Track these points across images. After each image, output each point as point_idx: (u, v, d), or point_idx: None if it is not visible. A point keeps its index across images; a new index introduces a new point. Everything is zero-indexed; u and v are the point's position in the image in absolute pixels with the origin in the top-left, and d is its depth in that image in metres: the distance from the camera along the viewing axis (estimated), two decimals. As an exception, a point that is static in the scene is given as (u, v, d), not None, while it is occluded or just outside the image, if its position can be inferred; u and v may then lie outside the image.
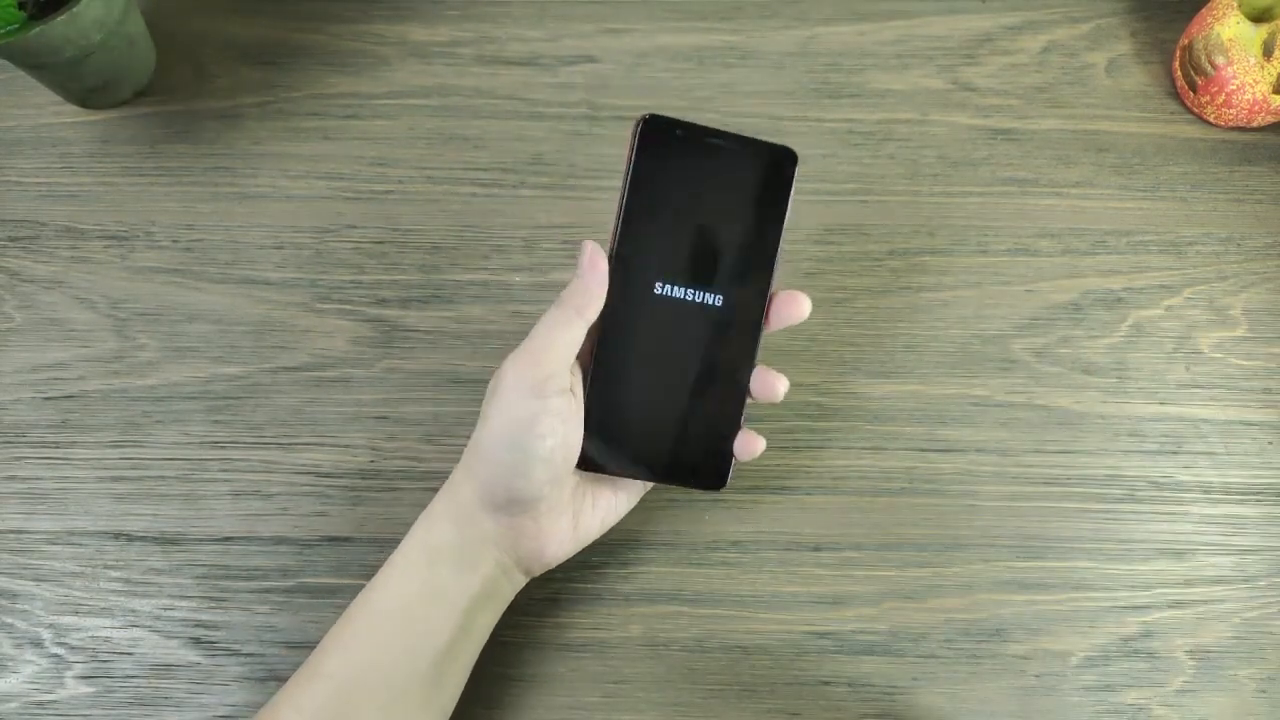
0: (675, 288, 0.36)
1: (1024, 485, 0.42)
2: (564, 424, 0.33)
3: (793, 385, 0.37)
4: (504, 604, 0.37)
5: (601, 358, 0.36)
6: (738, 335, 0.36)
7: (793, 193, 0.36)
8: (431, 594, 0.34)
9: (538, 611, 0.40)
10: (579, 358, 0.35)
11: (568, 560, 0.39)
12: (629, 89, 0.51)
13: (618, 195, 0.35)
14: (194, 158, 0.49)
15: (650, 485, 0.39)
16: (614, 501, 0.37)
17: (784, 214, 0.36)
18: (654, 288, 0.35)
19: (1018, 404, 0.44)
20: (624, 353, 0.36)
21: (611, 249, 0.35)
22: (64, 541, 0.41)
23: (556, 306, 0.34)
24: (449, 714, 0.35)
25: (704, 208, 0.36)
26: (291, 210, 0.48)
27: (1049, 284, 0.46)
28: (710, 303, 0.36)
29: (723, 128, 0.35)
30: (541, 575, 0.38)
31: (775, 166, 0.36)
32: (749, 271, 0.36)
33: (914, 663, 0.39)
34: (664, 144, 0.35)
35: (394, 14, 0.53)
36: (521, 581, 0.37)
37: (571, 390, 0.34)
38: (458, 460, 0.42)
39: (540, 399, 0.33)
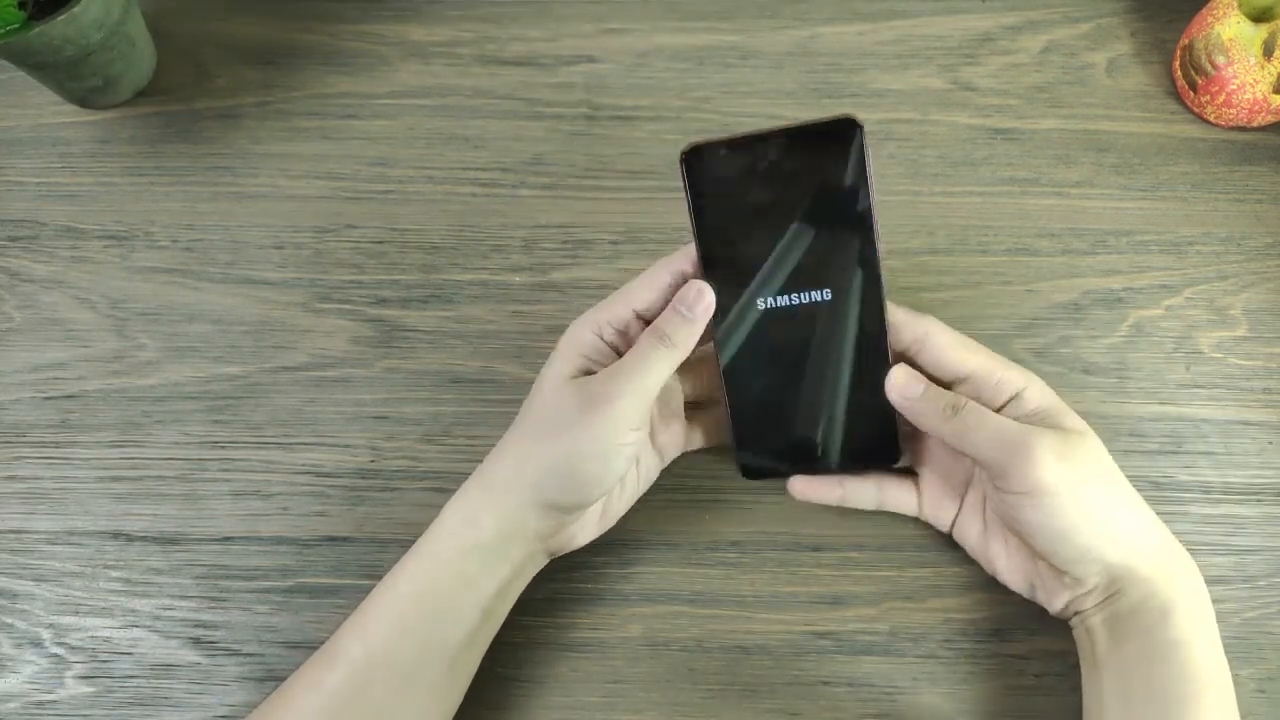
0: (779, 297, 0.36)
1: (1024, 485, 0.42)
2: (639, 447, 0.35)
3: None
4: (522, 588, 0.37)
5: (734, 379, 0.37)
6: (861, 319, 0.36)
7: (869, 161, 0.34)
8: (462, 585, 0.35)
9: (538, 611, 0.40)
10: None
11: (568, 560, 0.39)
12: (628, 89, 0.51)
13: (690, 232, 0.35)
14: (194, 158, 0.49)
15: (663, 466, 0.40)
16: (637, 485, 0.39)
17: (866, 186, 0.34)
18: (756, 305, 0.36)
19: (1018, 404, 0.44)
20: (755, 368, 0.36)
21: (699, 270, 0.36)
22: (64, 541, 0.41)
23: (660, 344, 0.34)
24: (458, 703, 0.36)
25: (779, 213, 0.35)
26: (291, 210, 0.48)
27: (1049, 284, 0.46)
28: (821, 299, 0.36)
29: (765, 128, 0.34)
30: (542, 575, 0.38)
31: (838, 142, 0.33)
32: (849, 255, 0.35)
33: (914, 663, 0.39)
34: (714, 168, 0.34)
35: (394, 14, 0.53)
36: (543, 564, 0.38)
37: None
38: (457, 460, 0.43)
39: (630, 435, 0.34)
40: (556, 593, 0.40)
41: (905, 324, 0.36)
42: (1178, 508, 0.42)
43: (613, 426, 0.33)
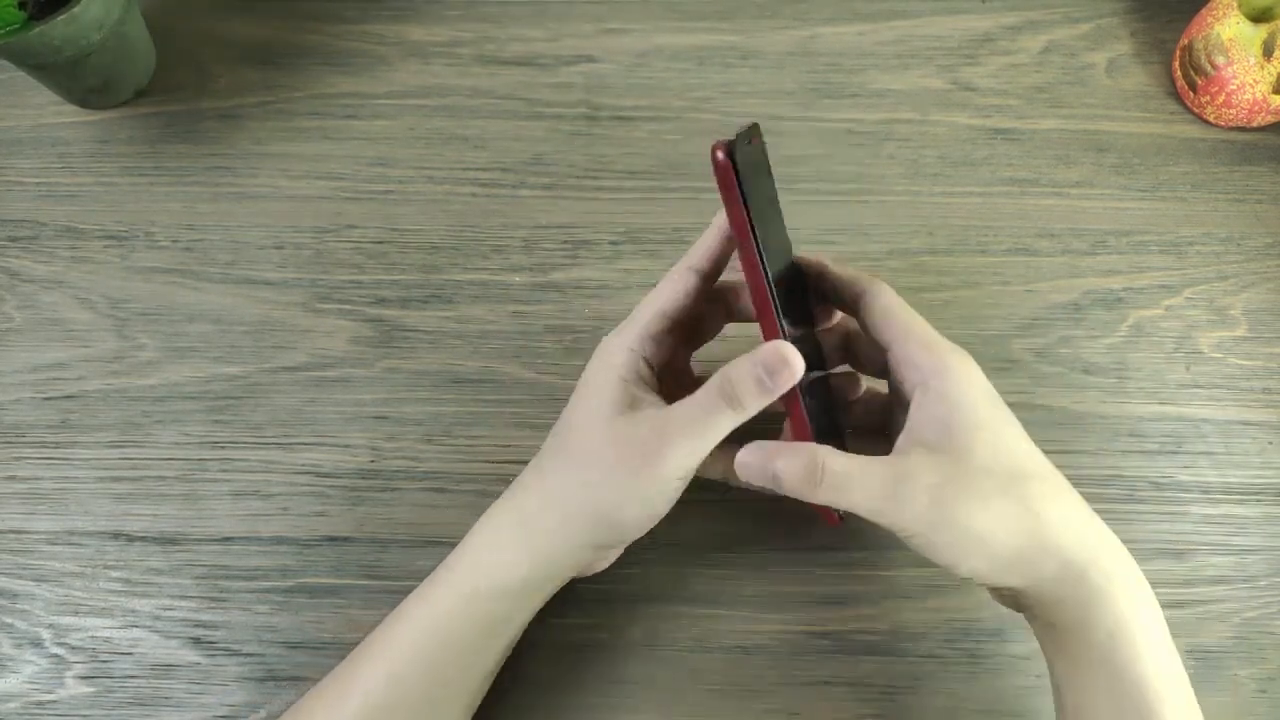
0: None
1: (1024, 485, 0.42)
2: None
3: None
4: None
5: (806, 396, 0.33)
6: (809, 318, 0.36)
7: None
8: (490, 625, 0.34)
9: (538, 611, 0.39)
10: None
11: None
12: (628, 89, 0.51)
13: (747, 250, 0.30)
14: (194, 158, 0.49)
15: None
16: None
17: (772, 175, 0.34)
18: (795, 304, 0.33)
19: (1018, 404, 0.43)
20: (807, 375, 0.32)
21: (775, 309, 0.31)
22: (64, 541, 0.41)
23: (729, 406, 0.31)
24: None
25: (769, 207, 0.32)
26: (291, 210, 0.48)
27: (1049, 284, 0.46)
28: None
29: (745, 125, 0.31)
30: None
31: (759, 139, 0.32)
32: (784, 240, 0.34)
33: (914, 663, 0.39)
34: (745, 164, 0.30)
35: (394, 14, 0.53)
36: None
37: None
38: (457, 460, 0.43)
39: (677, 483, 0.32)
40: (557, 593, 0.40)
41: (852, 278, 0.34)
42: (1178, 508, 0.42)
43: (662, 482, 0.32)
